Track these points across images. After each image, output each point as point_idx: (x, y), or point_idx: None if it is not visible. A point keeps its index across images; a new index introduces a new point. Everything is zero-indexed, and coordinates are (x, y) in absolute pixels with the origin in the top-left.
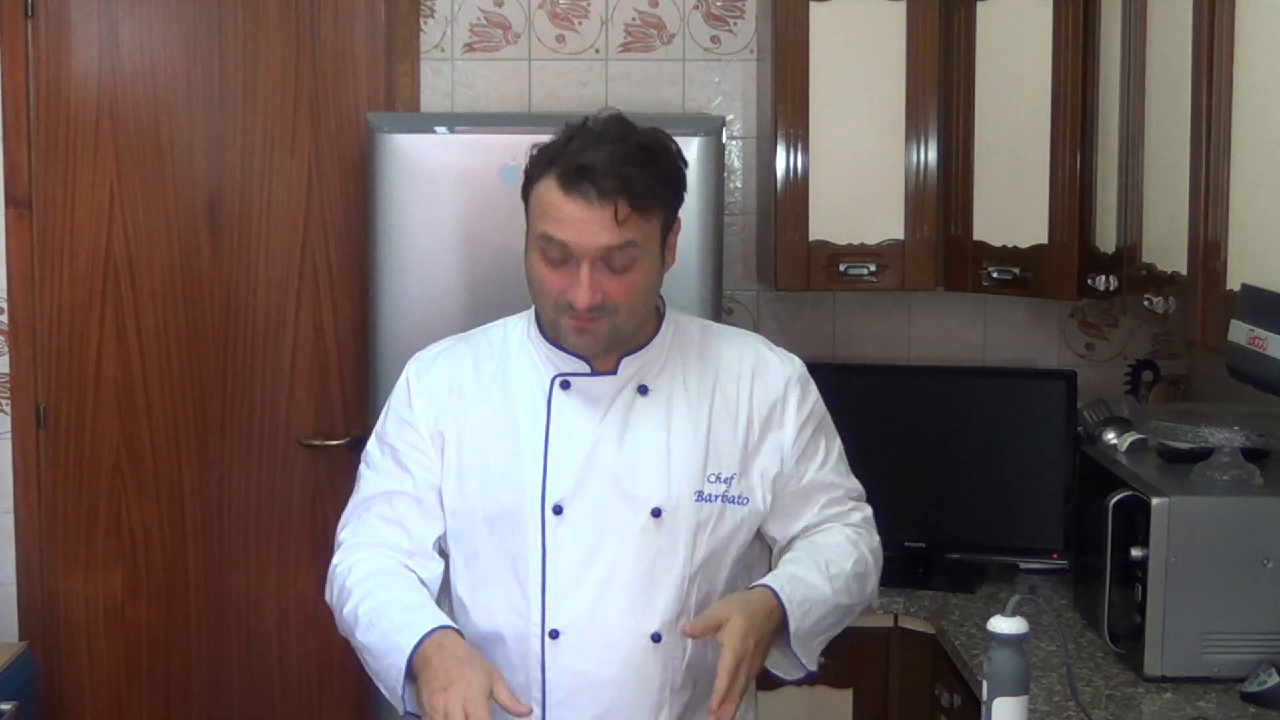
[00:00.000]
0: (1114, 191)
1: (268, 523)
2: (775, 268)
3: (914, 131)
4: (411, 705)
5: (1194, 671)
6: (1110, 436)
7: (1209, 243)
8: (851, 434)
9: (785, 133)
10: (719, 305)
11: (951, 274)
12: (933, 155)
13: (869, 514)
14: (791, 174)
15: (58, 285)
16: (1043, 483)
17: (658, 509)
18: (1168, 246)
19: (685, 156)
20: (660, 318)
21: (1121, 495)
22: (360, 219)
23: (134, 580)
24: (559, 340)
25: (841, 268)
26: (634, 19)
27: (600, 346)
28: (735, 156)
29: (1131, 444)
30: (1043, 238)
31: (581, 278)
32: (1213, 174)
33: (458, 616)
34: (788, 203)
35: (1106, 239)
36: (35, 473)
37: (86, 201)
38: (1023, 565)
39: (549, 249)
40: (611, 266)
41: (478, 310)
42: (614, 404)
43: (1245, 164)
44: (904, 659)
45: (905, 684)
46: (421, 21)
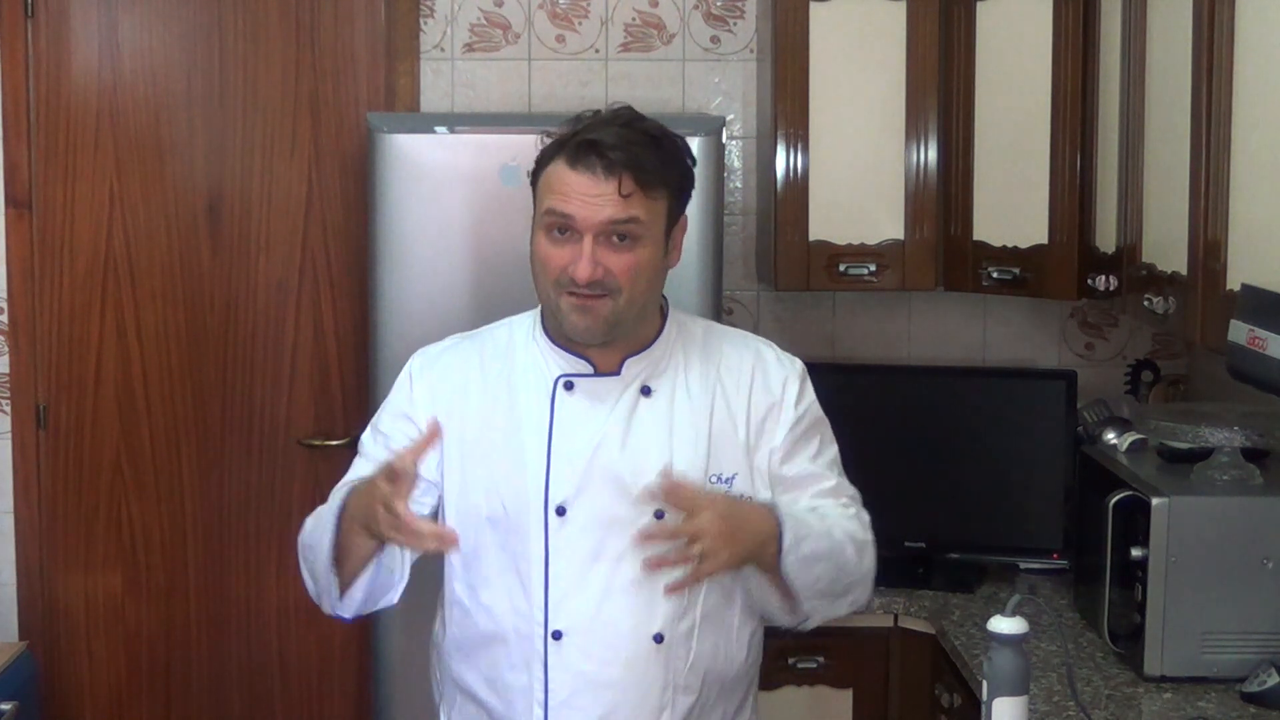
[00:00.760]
0: (1114, 191)
1: (268, 523)
2: (775, 268)
3: (914, 131)
4: (343, 600)
5: (1194, 671)
6: (1110, 436)
7: (1209, 243)
8: (851, 434)
9: (785, 133)
10: (719, 305)
11: (951, 274)
12: (933, 155)
13: (866, 518)
14: (791, 174)
15: (58, 285)
16: (1043, 483)
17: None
18: (1168, 246)
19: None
20: (664, 318)
21: (1121, 495)
22: (360, 219)
23: (134, 580)
24: (560, 325)
25: (841, 268)
26: (634, 19)
27: (600, 330)
28: (735, 156)
29: (1131, 444)
30: (1043, 238)
31: (584, 249)
32: (1213, 174)
33: (455, 616)
34: (788, 203)
35: (1106, 239)
36: (35, 473)
37: (86, 201)
38: (1023, 565)
39: (553, 223)
40: (615, 244)
41: (478, 310)
42: (617, 405)
43: (1245, 164)
44: (904, 659)
45: (905, 684)
46: (421, 21)
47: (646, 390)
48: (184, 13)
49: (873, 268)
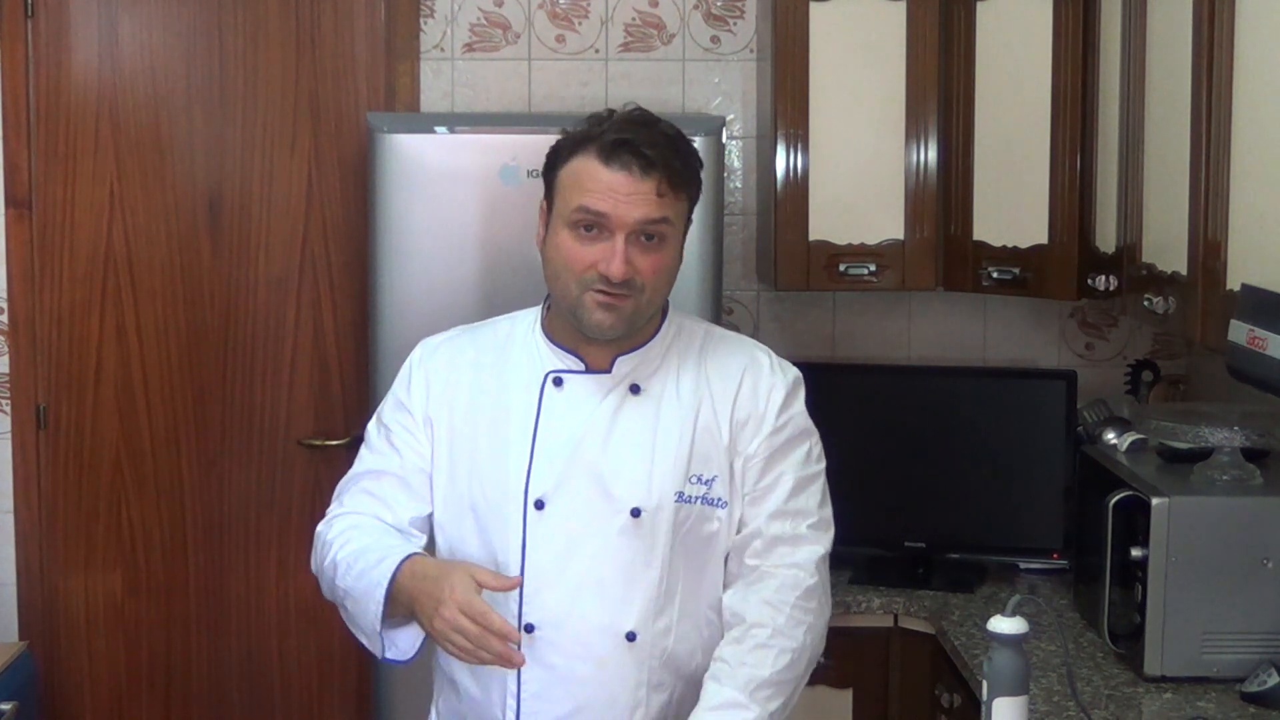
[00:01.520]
0: (1114, 191)
1: (268, 523)
2: (775, 268)
3: (914, 131)
4: (390, 650)
5: (1194, 671)
6: (1110, 436)
7: (1209, 243)
8: (851, 434)
9: (785, 133)
10: (719, 305)
11: (951, 274)
12: (932, 155)
13: (822, 552)
14: (791, 174)
15: (58, 285)
16: (1043, 483)
17: (637, 509)
18: (1168, 246)
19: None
20: (663, 318)
21: (1121, 495)
22: (360, 219)
23: (134, 580)
24: (579, 322)
25: (841, 268)
26: (634, 19)
27: (621, 327)
28: (735, 156)
29: (1131, 444)
30: (1043, 238)
31: (616, 248)
32: (1213, 174)
33: None
34: (787, 203)
35: (1106, 239)
36: (35, 473)
37: (86, 201)
38: (1023, 565)
39: (582, 220)
40: (644, 243)
41: (478, 309)
42: (604, 402)
43: (1245, 164)
44: (904, 659)
45: (905, 684)
46: (421, 21)
47: (635, 389)
48: (184, 12)
49: (873, 268)
